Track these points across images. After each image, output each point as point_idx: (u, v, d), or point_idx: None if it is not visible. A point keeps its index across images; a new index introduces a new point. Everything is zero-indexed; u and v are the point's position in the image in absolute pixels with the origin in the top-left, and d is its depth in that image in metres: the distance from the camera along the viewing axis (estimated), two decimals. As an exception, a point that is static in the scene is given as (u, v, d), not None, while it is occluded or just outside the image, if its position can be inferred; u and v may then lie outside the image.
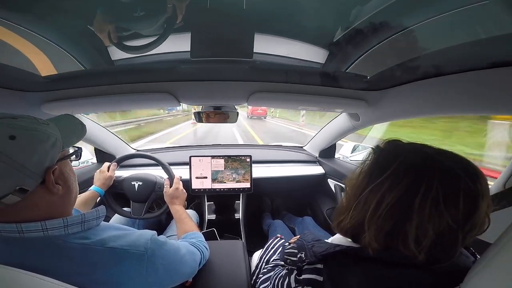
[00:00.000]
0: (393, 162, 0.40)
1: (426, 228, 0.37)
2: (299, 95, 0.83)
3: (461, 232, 0.37)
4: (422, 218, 0.37)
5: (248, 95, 0.83)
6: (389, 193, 0.39)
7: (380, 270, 0.41)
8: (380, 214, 0.39)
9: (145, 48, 0.62)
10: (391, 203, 0.38)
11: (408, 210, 0.37)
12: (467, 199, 0.36)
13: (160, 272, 0.50)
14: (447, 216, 0.36)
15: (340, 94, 0.85)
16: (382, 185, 0.40)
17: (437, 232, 0.37)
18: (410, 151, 0.42)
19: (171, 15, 0.53)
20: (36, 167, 0.40)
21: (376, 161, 0.44)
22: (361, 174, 0.45)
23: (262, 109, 14.56)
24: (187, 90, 0.82)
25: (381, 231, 0.40)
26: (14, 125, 0.39)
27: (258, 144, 2.02)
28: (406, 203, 0.38)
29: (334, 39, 0.62)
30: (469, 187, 0.36)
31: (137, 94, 0.80)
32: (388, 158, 0.42)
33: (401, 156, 0.41)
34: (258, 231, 1.57)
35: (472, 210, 0.36)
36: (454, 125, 5.34)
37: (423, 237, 0.37)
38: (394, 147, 0.44)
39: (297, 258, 0.51)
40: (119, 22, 0.56)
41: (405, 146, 0.44)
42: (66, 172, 0.48)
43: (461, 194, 0.36)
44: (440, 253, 0.39)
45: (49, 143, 0.42)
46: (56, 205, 0.45)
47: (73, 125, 0.52)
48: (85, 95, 0.81)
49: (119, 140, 1.51)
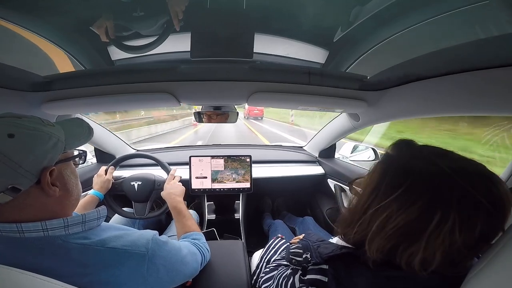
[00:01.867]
0: (404, 180, 0.36)
1: (434, 252, 0.34)
2: (299, 95, 0.83)
3: (473, 252, 0.35)
4: (432, 244, 0.33)
5: (248, 95, 0.83)
6: (397, 216, 0.35)
7: (388, 271, 0.40)
8: (384, 235, 0.37)
9: (145, 48, 0.62)
10: (397, 227, 0.35)
11: (418, 236, 0.34)
12: (485, 225, 0.32)
13: (161, 273, 0.50)
14: (460, 243, 0.33)
15: (340, 94, 0.85)
16: (390, 205, 0.36)
17: (446, 255, 0.34)
18: (423, 164, 0.36)
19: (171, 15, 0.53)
20: (32, 166, 0.39)
21: (385, 174, 0.39)
22: (368, 187, 0.41)
23: (258, 110, 14.56)
24: (187, 90, 0.81)
25: (382, 250, 0.38)
26: (16, 124, 0.39)
27: (258, 144, 2.01)
28: (416, 229, 0.34)
29: (334, 39, 0.62)
30: (488, 211, 0.32)
31: (137, 94, 0.80)
32: (398, 173, 0.37)
33: (412, 173, 0.36)
34: (258, 231, 1.57)
35: (490, 233, 0.34)
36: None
37: (429, 260, 0.35)
38: (405, 156, 0.40)
39: (302, 258, 0.51)
40: (119, 22, 0.56)
41: (417, 155, 0.38)
42: (66, 174, 0.47)
43: (479, 222, 0.32)
44: (447, 269, 0.37)
45: (49, 144, 0.42)
46: (52, 207, 0.44)
47: (80, 128, 0.52)
48: (85, 95, 0.80)
49: (119, 140, 1.51)
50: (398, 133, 5.36)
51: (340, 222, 0.48)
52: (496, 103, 0.59)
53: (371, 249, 0.38)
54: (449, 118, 4.90)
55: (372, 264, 0.39)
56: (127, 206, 1.17)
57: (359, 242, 0.42)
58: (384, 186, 0.38)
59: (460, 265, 0.37)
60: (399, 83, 0.75)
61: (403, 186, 0.35)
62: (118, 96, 0.81)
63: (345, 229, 0.46)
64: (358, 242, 0.43)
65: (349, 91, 0.84)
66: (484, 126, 3.68)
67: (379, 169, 0.41)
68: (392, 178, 0.38)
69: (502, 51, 0.49)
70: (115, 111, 7.51)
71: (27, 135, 0.39)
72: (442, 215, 0.32)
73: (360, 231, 0.41)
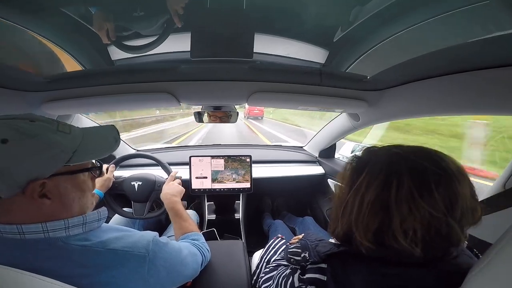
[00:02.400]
0: (366, 165, 0.44)
1: (410, 222, 0.37)
2: (299, 95, 0.83)
3: (452, 221, 0.37)
4: (402, 213, 0.38)
5: (248, 95, 0.83)
6: (367, 192, 0.41)
7: (384, 269, 0.42)
8: (364, 213, 0.41)
9: (145, 48, 0.62)
10: (371, 201, 0.40)
11: (388, 207, 0.39)
12: (440, 187, 0.37)
13: (162, 274, 0.50)
14: (427, 207, 0.37)
15: (340, 94, 0.85)
16: (360, 187, 0.42)
17: (425, 224, 0.37)
18: (380, 153, 0.45)
19: (171, 15, 0.53)
20: (17, 177, 0.38)
21: (354, 167, 0.47)
22: (344, 182, 0.48)
23: (258, 109, 14.56)
24: (187, 90, 0.81)
25: (369, 230, 0.41)
26: (18, 128, 0.38)
27: (258, 144, 2.01)
28: (384, 200, 0.39)
29: (334, 39, 0.62)
30: (437, 174, 0.37)
31: (137, 94, 0.80)
32: (363, 162, 0.46)
33: (372, 159, 0.44)
34: (258, 231, 1.57)
35: (451, 196, 0.37)
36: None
37: (410, 230, 0.38)
38: (367, 152, 0.48)
39: (301, 257, 0.51)
40: (119, 22, 0.56)
41: (376, 150, 0.47)
42: (65, 188, 0.44)
43: (432, 183, 0.37)
44: (438, 243, 0.39)
45: (46, 155, 0.40)
46: (45, 213, 0.42)
47: (103, 139, 0.50)
48: (85, 95, 0.80)
49: (119, 140, 1.51)
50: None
51: (330, 221, 0.52)
52: (496, 103, 0.59)
53: (358, 230, 0.42)
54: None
55: (365, 251, 0.42)
56: (127, 206, 1.17)
57: (347, 233, 0.45)
58: (354, 176, 0.45)
59: (451, 238, 0.39)
60: (399, 83, 0.75)
61: (367, 168, 0.43)
62: (118, 96, 0.81)
63: (333, 225, 0.49)
64: (346, 233, 0.45)
65: (349, 91, 0.84)
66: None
67: (350, 165, 0.48)
68: (358, 167, 0.46)
69: (502, 51, 0.49)
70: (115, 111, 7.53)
71: (23, 142, 0.38)
72: (398, 182, 0.38)
73: (346, 220, 0.45)
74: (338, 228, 0.47)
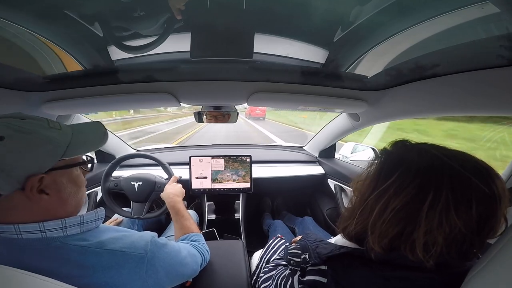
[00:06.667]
0: (399, 166, 0.38)
1: (435, 236, 0.34)
2: (299, 95, 0.83)
3: (477, 237, 0.35)
4: (431, 226, 0.34)
5: (248, 95, 0.83)
6: (395, 199, 0.37)
7: (388, 271, 0.40)
8: (385, 219, 0.37)
9: (145, 48, 0.62)
10: (396, 209, 0.36)
11: (415, 217, 0.35)
12: (481, 205, 0.33)
13: (160, 275, 0.50)
14: (459, 224, 0.33)
15: (340, 94, 0.85)
16: (387, 190, 0.38)
17: (449, 239, 0.34)
18: (416, 153, 0.39)
19: (171, 15, 0.53)
20: (17, 172, 0.38)
21: (382, 165, 0.42)
22: (367, 179, 0.44)
23: (260, 110, 14.60)
24: (187, 90, 0.81)
25: (385, 236, 0.38)
26: (13, 126, 0.38)
27: (258, 144, 2.01)
28: (412, 210, 0.35)
29: (334, 39, 0.61)
30: (482, 191, 0.33)
31: (137, 94, 0.80)
32: (394, 162, 0.40)
33: (407, 160, 0.38)
34: (258, 231, 1.57)
35: (488, 214, 0.34)
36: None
37: (432, 244, 0.35)
38: (401, 149, 0.42)
39: (301, 259, 0.50)
40: (119, 22, 0.56)
41: (412, 147, 0.41)
42: (62, 182, 0.45)
43: (473, 200, 0.33)
44: (455, 259, 0.37)
45: (43, 150, 0.40)
46: (43, 211, 0.42)
47: (93, 134, 0.51)
48: (85, 95, 0.80)
49: (119, 140, 1.51)
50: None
51: (342, 216, 0.48)
52: (496, 103, 0.59)
53: (374, 235, 0.39)
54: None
55: (374, 256, 0.39)
56: (126, 206, 1.17)
57: (360, 234, 0.42)
58: (382, 176, 0.40)
59: (469, 254, 0.37)
60: (399, 83, 0.75)
61: (398, 171, 0.38)
62: (118, 96, 0.81)
63: (345, 222, 0.46)
64: (359, 233, 0.43)
65: (349, 91, 0.84)
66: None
67: (377, 163, 0.44)
68: (388, 167, 0.40)
69: (502, 51, 0.49)
70: (115, 111, 7.53)
71: (19, 139, 0.38)
72: (435, 194, 0.34)
73: (362, 221, 0.42)
74: (350, 227, 0.44)
